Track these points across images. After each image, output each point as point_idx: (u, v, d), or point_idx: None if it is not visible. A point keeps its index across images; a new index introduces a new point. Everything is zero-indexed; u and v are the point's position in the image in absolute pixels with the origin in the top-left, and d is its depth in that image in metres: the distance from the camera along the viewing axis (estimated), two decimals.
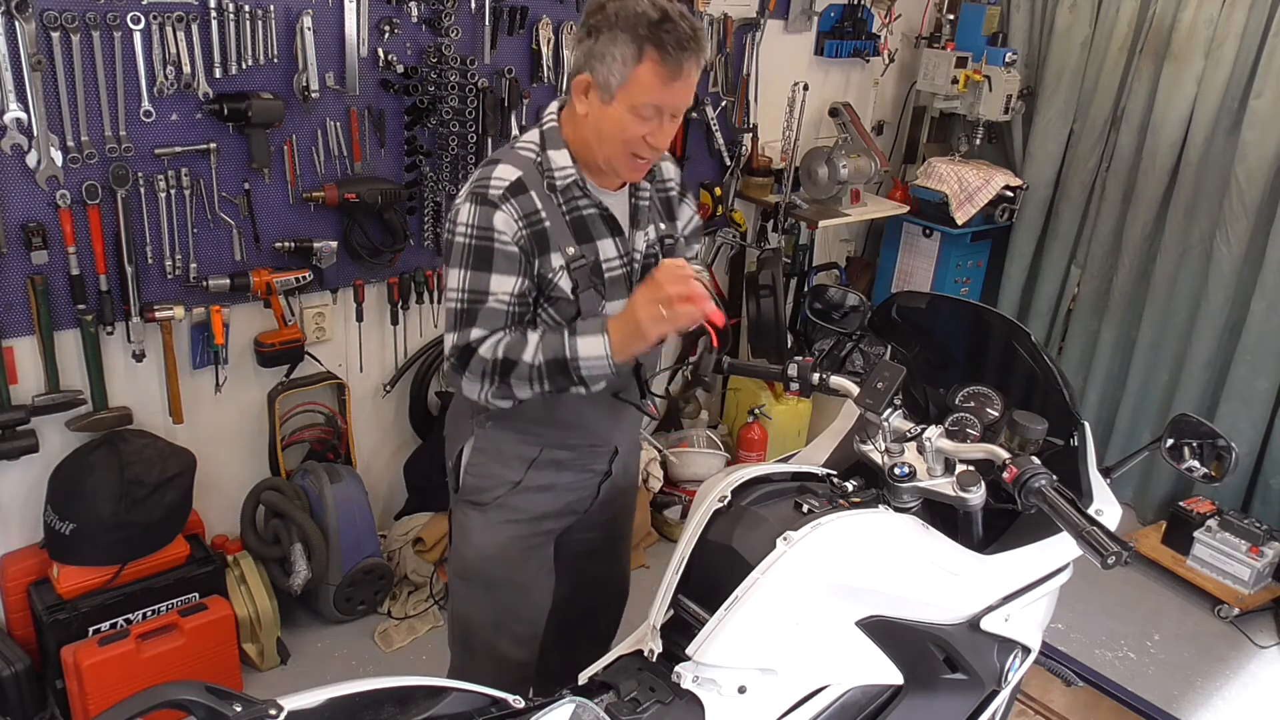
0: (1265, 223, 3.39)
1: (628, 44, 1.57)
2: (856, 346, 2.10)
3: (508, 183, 1.65)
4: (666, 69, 1.58)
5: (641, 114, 1.62)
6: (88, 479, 2.38)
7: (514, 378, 1.62)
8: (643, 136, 1.64)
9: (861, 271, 4.44)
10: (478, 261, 1.64)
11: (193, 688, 1.16)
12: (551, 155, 1.70)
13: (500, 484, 1.85)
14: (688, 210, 1.96)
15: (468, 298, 1.64)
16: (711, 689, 1.45)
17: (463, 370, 1.65)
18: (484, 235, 1.63)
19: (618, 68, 1.59)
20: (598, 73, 1.61)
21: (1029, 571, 1.71)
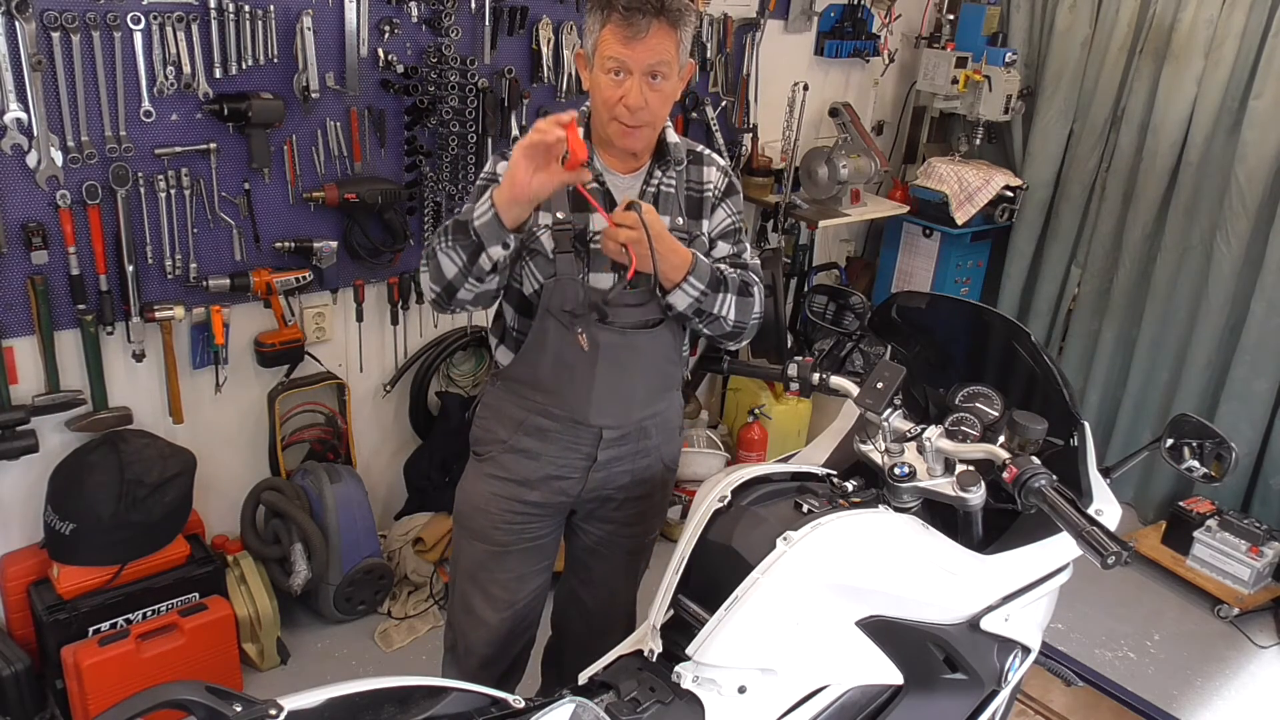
0: (1265, 223, 3.39)
1: (595, 11, 1.73)
2: (856, 346, 2.10)
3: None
4: (621, 30, 1.69)
5: (611, 73, 1.72)
6: (88, 479, 2.38)
7: (435, 245, 1.74)
8: (618, 98, 1.73)
9: (861, 271, 4.44)
10: (475, 196, 1.78)
11: (193, 688, 1.16)
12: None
13: (494, 440, 1.96)
14: (722, 214, 1.96)
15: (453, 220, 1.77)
16: (711, 689, 1.45)
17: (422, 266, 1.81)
18: (488, 177, 1.81)
19: (591, 36, 1.75)
20: (585, 44, 1.78)
21: (1029, 571, 1.71)
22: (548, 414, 1.91)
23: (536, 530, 2.00)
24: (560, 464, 1.94)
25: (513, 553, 2.00)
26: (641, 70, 1.71)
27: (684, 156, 1.90)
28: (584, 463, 1.95)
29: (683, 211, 1.91)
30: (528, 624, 2.11)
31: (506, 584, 2.02)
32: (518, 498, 1.96)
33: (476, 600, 2.04)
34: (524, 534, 1.99)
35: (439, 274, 1.74)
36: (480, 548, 2.01)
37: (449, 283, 1.73)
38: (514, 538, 1.99)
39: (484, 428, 1.99)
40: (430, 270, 1.76)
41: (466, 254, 1.69)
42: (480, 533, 2.00)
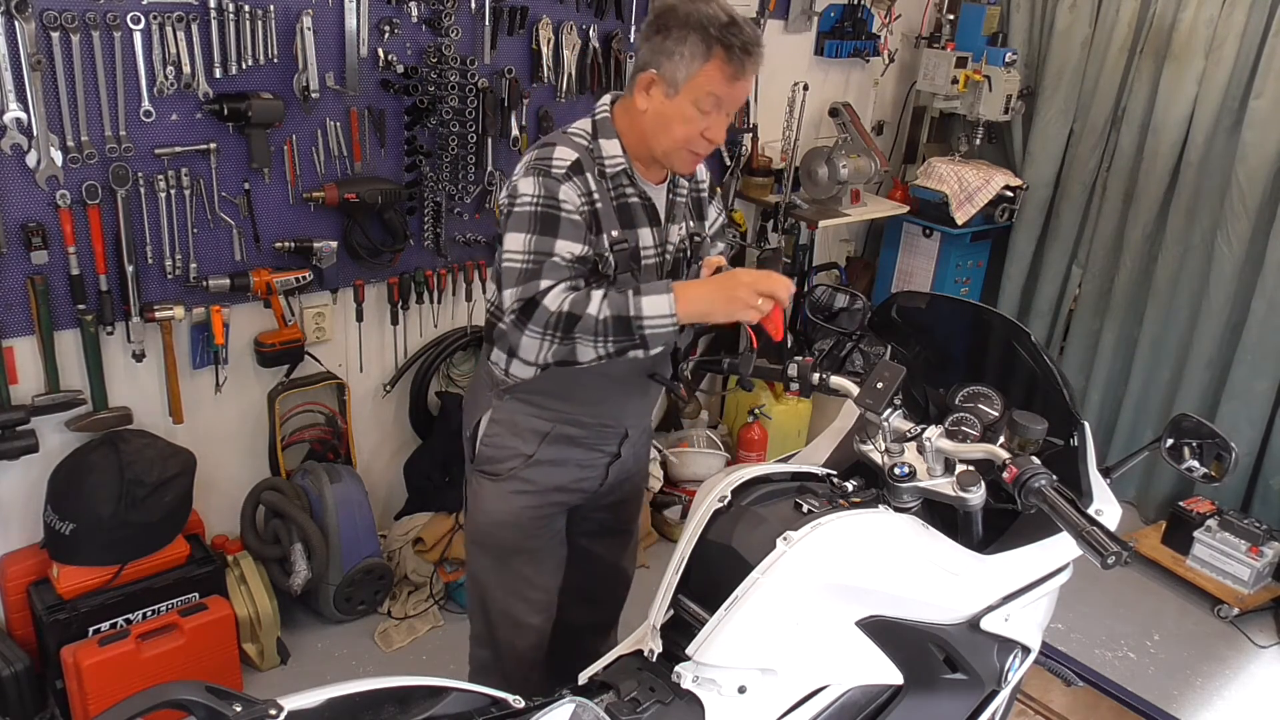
0: (1266, 222, 3.39)
1: (698, 43, 1.67)
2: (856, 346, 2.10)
3: (568, 162, 1.73)
4: (732, 67, 1.68)
5: (702, 108, 1.71)
6: (88, 479, 2.38)
7: (579, 332, 1.62)
8: (700, 131, 1.73)
9: (861, 271, 4.44)
10: (544, 226, 1.68)
11: (193, 688, 1.16)
12: (603, 144, 1.79)
13: (514, 456, 1.91)
14: (714, 211, 2.04)
15: (533, 257, 1.66)
16: (711, 689, 1.45)
17: (525, 322, 1.64)
18: (550, 203, 1.69)
19: (685, 64, 1.69)
20: (664, 69, 1.71)
21: (1029, 571, 1.71)
22: (577, 422, 1.91)
23: (560, 524, 2.04)
24: (586, 465, 1.97)
25: (545, 552, 2.03)
26: (733, 108, 1.74)
27: None
28: (607, 460, 2.00)
29: (693, 215, 1.95)
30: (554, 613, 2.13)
31: (545, 584, 2.05)
32: (547, 502, 1.97)
33: (520, 610, 2.03)
34: (554, 532, 2.03)
35: (568, 354, 1.66)
36: (514, 562, 2.00)
37: (575, 362, 1.69)
38: (545, 539, 2.01)
39: (498, 445, 1.92)
40: (555, 348, 1.65)
41: (618, 349, 1.65)
42: (514, 546, 1.98)
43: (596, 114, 1.83)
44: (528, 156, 1.76)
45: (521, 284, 1.65)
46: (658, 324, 1.63)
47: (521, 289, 1.65)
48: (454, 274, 3.04)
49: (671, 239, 1.89)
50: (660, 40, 1.71)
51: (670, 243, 1.89)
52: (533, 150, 1.77)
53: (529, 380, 1.87)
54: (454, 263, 3.02)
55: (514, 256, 1.68)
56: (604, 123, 1.81)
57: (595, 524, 2.14)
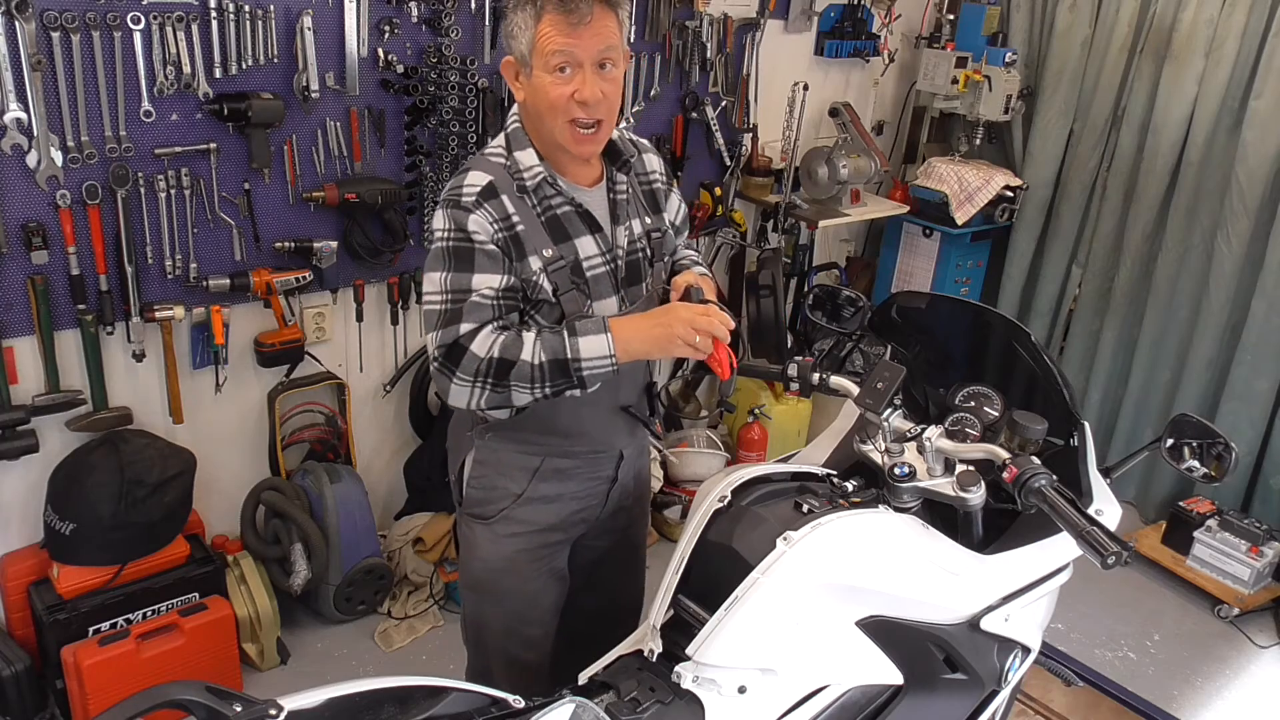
0: (1266, 222, 3.39)
1: (527, 9, 1.59)
2: (856, 346, 2.10)
3: (479, 188, 1.63)
4: (563, 16, 1.57)
5: (554, 68, 1.59)
6: (88, 479, 2.38)
7: (514, 378, 1.57)
8: (570, 95, 1.60)
9: (861, 271, 4.44)
10: (458, 263, 1.61)
11: (193, 688, 1.16)
12: (518, 156, 1.68)
13: (503, 496, 1.82)
14: (675, 200, 1.93)
15: (451, 297, 1.60)
16: (711, 689, 1.45)
17: (453, 371, 1.58)
18: (460, 237, 1.61)
19: (525, 35, 1.60)
20: (514, 49, 1.64)
21: (1029, 571, 1.71)
22: (568, 454, 1.82)
23: (560, 560, 1.94)
24: (583, 496, 1.88)
25: (543, 593, 1.93)
26: (592, 60, 1.59)
27: (632, 150, 1.80)
28: (605, 486, 1.91)
29: (647, 210, 1.85)
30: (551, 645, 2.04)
31: (540, 621, 1.95)
32: (544, 543, 1.87)
33: (515, 647, 1.94)
34: (552, 570, 1.92)
35: (502, 401, 1.61)
36: (511, 605, 1.90)
37: (510, 406, 1.64)
38: (544, 579, 1.91)
39: (485, 487, 1.83)
40: (487, 395, 1.59)
41: (554, 391, 1.60)
42: (511, 591, 1.89)
43: (508, 126, 1.72)
44: (446, 187, 1.68)
45: (442, 327, 1.59)
46: (596, 366, 1.58)
47: (442, 333, 1.58)
48: None
49: (620, 242, 1.76)
50: (505, 26, 1.65)
51: (620, 246, 1.76)
52: (451, 179, 1.69)
53: (516, 419, 1.76)
54: None
55: (433, 298, 1.61)
56: (516, 133, 1.70)
57: (601, 552, 2.03)
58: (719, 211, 3.63)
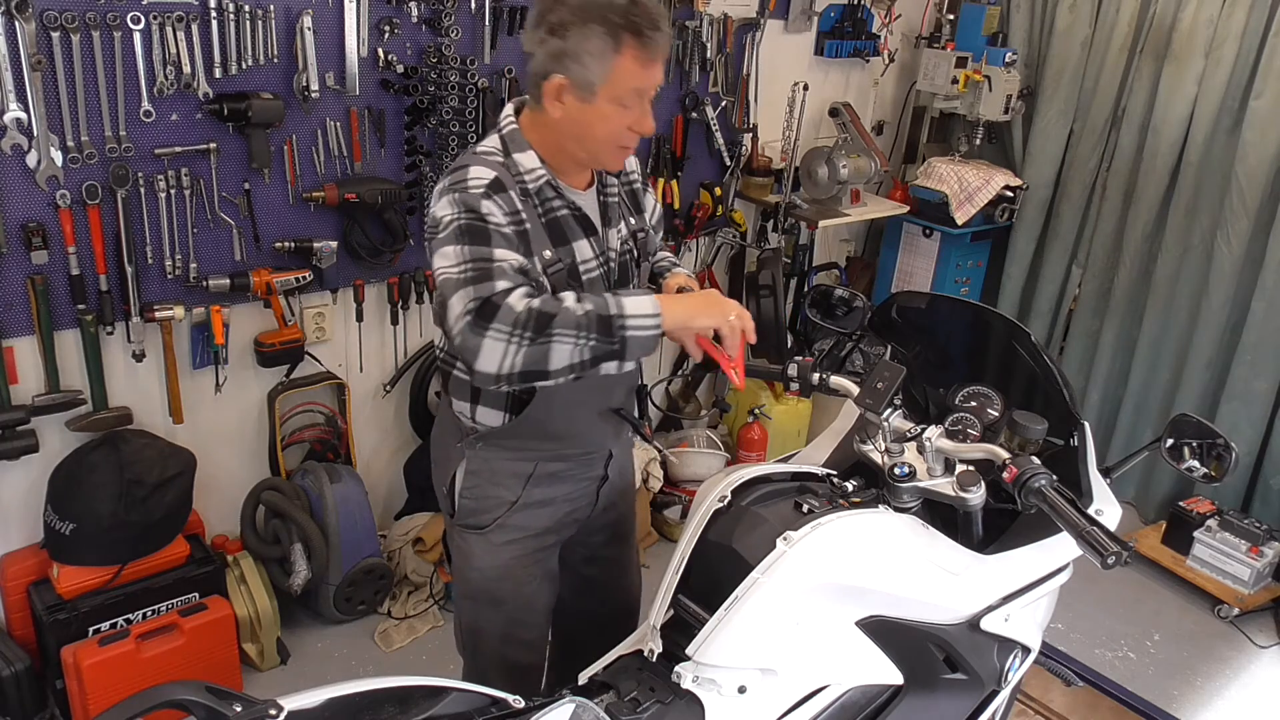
0: (1266, 222, 3.39)
1: (604, 37, 1.52)
2: (856, 346, 2.10)
3: (486, 181, 1.57)
4: (646, 52, 1.54)
5: (625, 103, 1.58)
6: (88, 479, 2.38)
7: (556, 327, 1.41)
8: (627, 126, 1.61)
9: (861, 271, 4.44)
10: (475, 238, 1.50)
11: (193, 688, 1.16)
12: (518, 159, 1.64)
13: (498, 505, 1.81)
14: (650, 199, 1.94)
15: (472, 265, 1.47)
16: (711, 689, 1.45)
17: (486, 324, 1.41)
18: (474, 217, 1.53)
19: (596, 64, 1.54)
20: (573, 73, 1.55)
21: (1029, 571, 1.71)
22: (560, 457, 1.81)
23: (552, 560, 1.95)
24: (575, 498, 1.88)
25: (539, 593, 1.93)
26: (654, 92, 1.60)
27: None
28: (596, 485, 1.92)
29: (631, 211, 1.85)
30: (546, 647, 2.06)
31: (537, 624, 1.96)
32: (539, 547, 1.87)
33: (512, 652, 1.94)
34: (546, 572, 1.93)
35: (539, 359, 1.42)
36: (509, 610, 1.90)
37: (544, 372, 1.44)
38: (539, 581, 1.92)
39: (478, 496, 1.80)
40: (524, 353, 1.42)
41: (595, 354, 1.45)
42: (508, 597, 1.88)
43: (503, 128, 1.67)
44: (440, 183, 1.60)
45: (470, 285, 1.45)
46: (640, 325, 1.46)
47: (473, 289, 1.44)
48: None
49: (612, 244, 1.76)
50: (558, 41, 1.54)
51: (612, 249, 1.76)
52: (445, 177, 1.61)
53: (510, 426, 1.74)
54: None
55: (450, 269, 1.48)
56: (513, 135, 1.65)
57: (593, 549, 2.04)
58: (719, 211, 3.63)
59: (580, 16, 1.52)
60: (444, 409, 1.88)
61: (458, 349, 1.45)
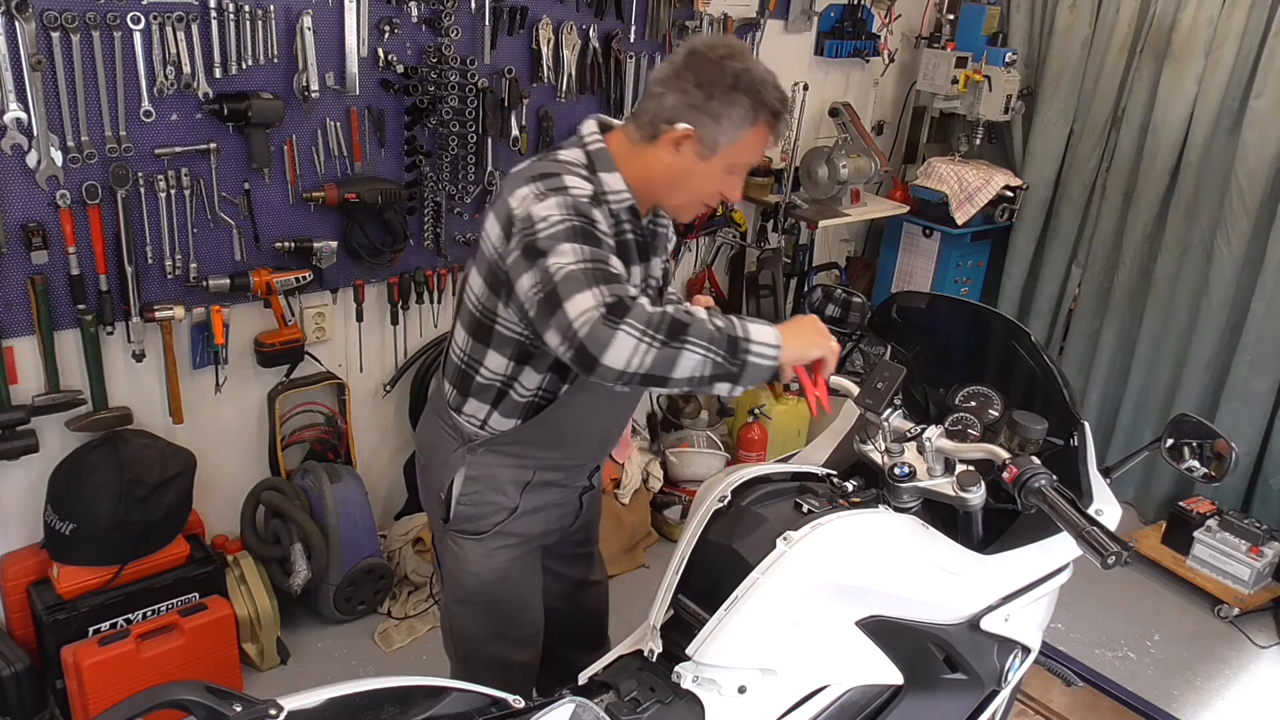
0: (1265, 223, 3.39)
1: (747, 108, 1.59)
2: (856, 346, 2.10)
3: (588, 193, 1.58)
4: (773, 134, 1.64)
5: (733, 170, 1.67)
6: (88, 479, 2.38)
7: (691, 334, 1.40)
8: (721, 189, 1.70)
9: (861, 271, 4.44)
10: (588, 239, 1.48)
11: (193, 688, 1.16)
12: (604, 178, 1.65)
13: (496, 511, 1.82)
14: (672, 233, 1.99)
15: (594, 263, 1.45)
16: (711, 689, 1.45)
17: (619, 322, 1.38)
18: (586, 221, 1.51)
19: (729, 128, 1.60)
20: (704, 129, 1.60)
21: (1029, 571, 1.71)
22: (559, 467, 1.84)
23: (539, 559, 1.98)
24: (564, 504, 1.92)
25: (531, 593, 1.97)
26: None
27: None
28: (580, 493, 1.96)
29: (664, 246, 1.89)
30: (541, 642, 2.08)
31: (532, 621, 1.99)
32: (531, 549, 1.92)
33: (508, 650, 1.97)
34: (536, 571, 1.97)
35: (665, 364, 1.40)
36: (504, 610, 1.93)
37: (665, 378, 1.42)
38: (532, 580, 1.96)
39: (477, 503, 1.81)
40: (653, 356, 1.39)
41: (716, 372, 1.44)
42: (504, 598, 1.91)
43: (588, 144, 1.67)
44: (530, 186, 1.56)
45: (600, 284, 1.42)
46: (761, 354, 1.46)
47: (605, 289, 1.41)
48: (454, 274, 3.04)
49: (654, 273, 1.80)
50: (702, 97, 1.58)
51: (653, 276, 1.80)
52: (532, 182, 1.57)
53: (518, 431, 1.76)
54: (454, 263, 3.02)
55: (570, 264, 1.44)
56: (600, 154, 1.66)
57: (566, 550, 2.08)
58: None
59: (733, 83, 1.58)
60: (436, 415, 1.87)
61: (581, 342, 1.40)
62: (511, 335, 1.69)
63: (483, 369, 1.74)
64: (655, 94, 1.63)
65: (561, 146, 1.71)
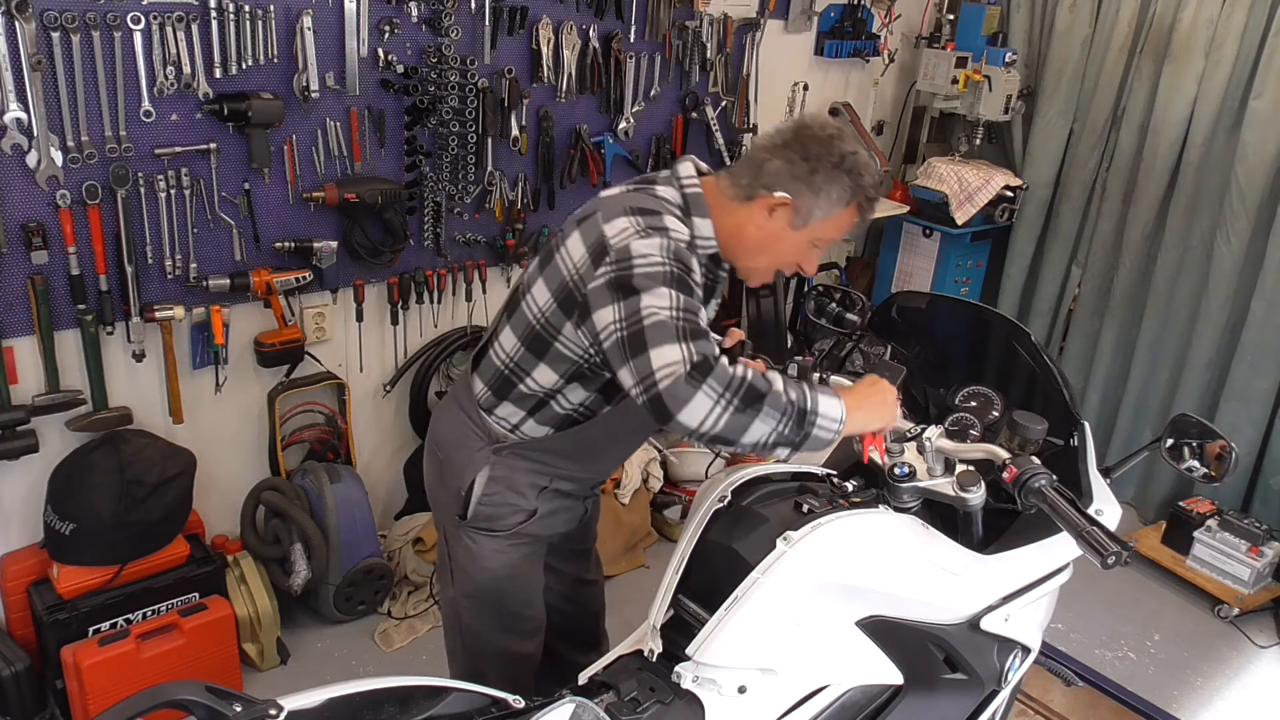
0: (1265, 222, 3.39)
1: (846, 189, 1.64)
2: (856, 346, 2.10)
3: (686, 238, 1.63)
4: (862, 218, 1.70)
5: (816, 244, 1.72)
6: (88, 479, 2.38)
7: (767, 404, 1.45)
8: (799, 260, 1.75)
9: (861, 271, 4.44)
10: (682, 288, 1.52)
11: (193, 688, 1.16)
12: (698, 223, 1.68)
13: (515, 512, 1.85)
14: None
15: (685, 315, 1.49)
16: (711, 689, 1.45)
17: (702, 380, 1.42)
18: (683, 269, 1.55)
19: (826, 204, 1.65)
20: (803, 199, 1.64)
21: (1029, 571, 1.71)
22: (573, 478, 1.88)
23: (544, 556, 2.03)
24: (571, 509, 1.96)
25: (536, 586, 2.01)
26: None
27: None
28: (586, 503, 2.01)
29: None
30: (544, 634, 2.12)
31: (536, 615, 2.03)
32: (539, 548, 1.96)
33: (517, 644, 2.01)
34: (541, 566, 2.02)
35: (737, 428, 1.44)
36: (512, 604, 1.97)
37: (733, 441, 1.46)
38: (538, 575, 2.00)
39: (497, 504, 1.84)
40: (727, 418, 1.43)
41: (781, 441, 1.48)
42: (514, 592, 1.95)
43: (685, 186, 1.70)
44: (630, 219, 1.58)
45: (688, 340, 1.45)
46: (825, 427, 1.49)
47: (692, 345, 1.45)
48: (454, 274, 3.04)
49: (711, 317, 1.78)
50: (807, 170, 1.63)
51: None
52: (633, 215, 1.60)
53: (549, 440, 1.80)
54: (454, 263, 3.03)
55: (661, 311, 1.47)
56: (697, 200, 1.69)
57: (566, 546, 2.12)
58: None
59: (838, 162, 1.64)
60: (462, 411, 1.88)
61: (659, 393, 1.43)
62: (570, 355, 1.71)
63: (529, 379, 1.76)
64: (760, 158, 1.67)
65: (655, 181, 1.73)
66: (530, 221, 3.14)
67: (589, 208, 1.70)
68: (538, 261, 1.77)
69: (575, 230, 1.67)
